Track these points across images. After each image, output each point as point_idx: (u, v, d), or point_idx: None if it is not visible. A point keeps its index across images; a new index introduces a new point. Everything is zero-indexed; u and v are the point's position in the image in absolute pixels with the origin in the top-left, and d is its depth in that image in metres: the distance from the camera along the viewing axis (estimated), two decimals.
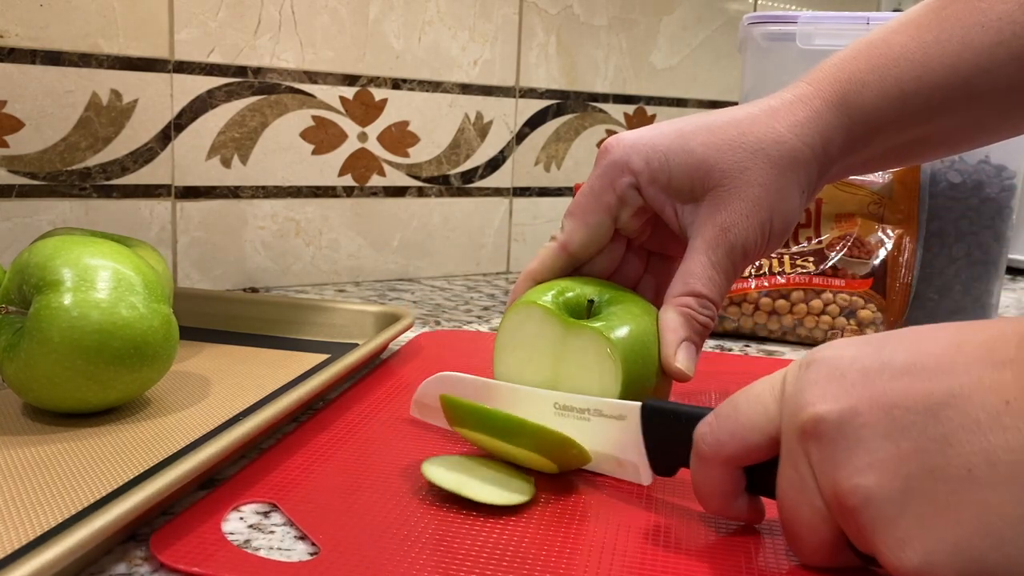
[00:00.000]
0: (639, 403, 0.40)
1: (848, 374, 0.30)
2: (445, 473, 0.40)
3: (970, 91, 0.45)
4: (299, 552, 0.35)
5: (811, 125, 0.45)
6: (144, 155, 0.81)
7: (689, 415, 0.38)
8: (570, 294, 0.46)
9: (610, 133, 1.10)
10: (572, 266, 0.49)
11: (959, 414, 0.27)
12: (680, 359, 0.43)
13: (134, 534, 0.36)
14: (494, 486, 0.39)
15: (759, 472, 0.34)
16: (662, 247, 0.51)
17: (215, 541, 0.35)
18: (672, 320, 0.44)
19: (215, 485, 0.40)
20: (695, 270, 0.45)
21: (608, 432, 0.41)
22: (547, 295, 0.46)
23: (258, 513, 0.38)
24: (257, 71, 0.85)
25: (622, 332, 0.43)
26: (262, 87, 0.86)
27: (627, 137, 0.47)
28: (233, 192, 0.86)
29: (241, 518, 0.37)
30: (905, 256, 0.72)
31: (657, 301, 0.47)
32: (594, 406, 0.42)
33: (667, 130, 0.47)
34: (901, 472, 0.28)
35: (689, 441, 0.36)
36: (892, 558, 0.28)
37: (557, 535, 0.37)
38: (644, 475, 0.41)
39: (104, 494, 0.38)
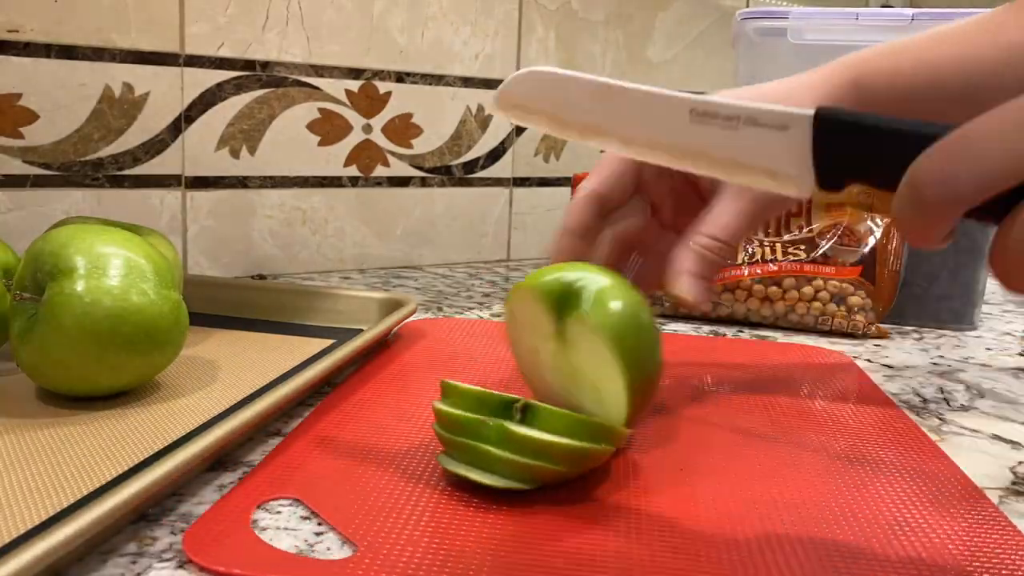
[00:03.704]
0: (809, 112, 0.35)
1: None
2: (454, 460, 0.40)
3: (977, 104, 0.47)
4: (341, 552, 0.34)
5: (829, 100, 0.48)
6: (155, 146, 0.83)
7: (879, 128, 0.33)
8: (570, 276, 0.44)
9: None
10: (603, 212, 0.50)
11: None
12: (681, 286, 0.44)
13: (145, 514, 0.36)
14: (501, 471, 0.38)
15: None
16: (676, 222, 0.52)
17: (244, 539, 0.34)
18: (679, 253, 0.46)
19: (235, 475, 0.41)
20: (717, 216, 0.47)
21: (762, 143, 0.36)
22: (545, 278, 0.44)
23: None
24: (265, 65, 0.87)
25: (612, 311, 0.42)
26: (270, 80, 0.88)
27: None
28: (241, 182, 0.88)
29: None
30: (893, 244, 0.73)
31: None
32: (746, 114, 0.37)
33: None
34: None
35: (874, 153, 0.32)
36: None
37: (565, 521, 0.37)
38: (805, 188, 0.36)
39: (116, 475, 0.39)
